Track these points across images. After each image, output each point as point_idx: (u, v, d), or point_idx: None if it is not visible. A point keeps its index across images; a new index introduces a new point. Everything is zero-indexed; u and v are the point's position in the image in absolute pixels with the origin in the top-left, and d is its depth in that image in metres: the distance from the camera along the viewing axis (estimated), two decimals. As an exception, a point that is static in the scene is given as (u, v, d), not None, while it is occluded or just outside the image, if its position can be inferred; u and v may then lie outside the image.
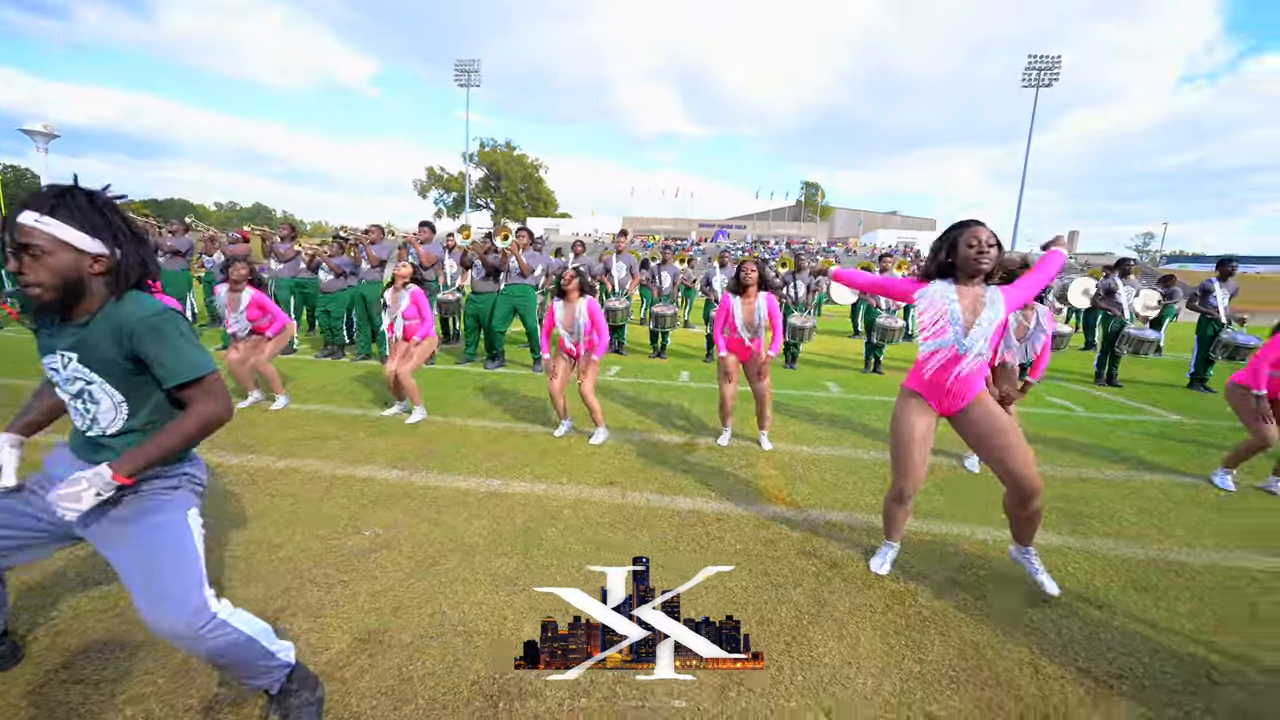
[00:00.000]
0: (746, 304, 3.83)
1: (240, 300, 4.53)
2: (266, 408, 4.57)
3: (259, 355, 4.55)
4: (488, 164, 66.75)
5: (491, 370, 6.45)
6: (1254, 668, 1.92)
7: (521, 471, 3.45)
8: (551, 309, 4.02)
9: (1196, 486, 3.57)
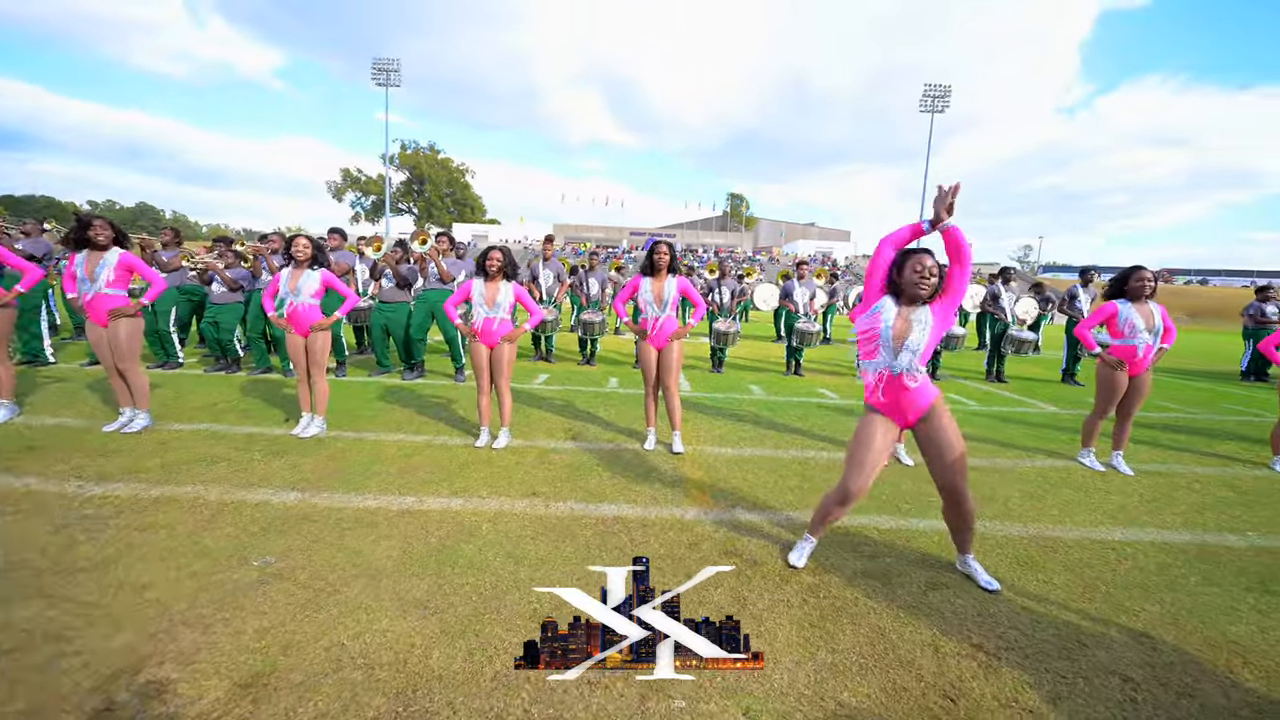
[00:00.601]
0: (657, 283, 3.92)
1: (102, 263, 3.80)
2: (131, 429, 4.05)
3: (129, 363, 3.96)
4: (410, 167, 63.98)
5: (410, 381, 6.11)
6: (1114, 628, 2.14)
7: (438, 487, 3.26)
8: (466, 286, 3.94)
9: (1068, 469, 3.99)
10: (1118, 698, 1.78)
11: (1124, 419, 3.99)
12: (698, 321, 4.09)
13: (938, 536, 2.84)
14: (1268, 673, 1.93)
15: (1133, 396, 3.89)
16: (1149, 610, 2.27)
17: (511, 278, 3.99)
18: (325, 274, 4.02)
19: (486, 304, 3.87)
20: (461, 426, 4.48)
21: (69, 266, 3.85)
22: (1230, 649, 2.05)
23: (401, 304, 6.12)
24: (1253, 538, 3.01)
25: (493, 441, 4.04)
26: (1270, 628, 2.19)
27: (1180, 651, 2.02)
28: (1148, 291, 3.75)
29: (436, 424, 4.54)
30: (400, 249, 6.16)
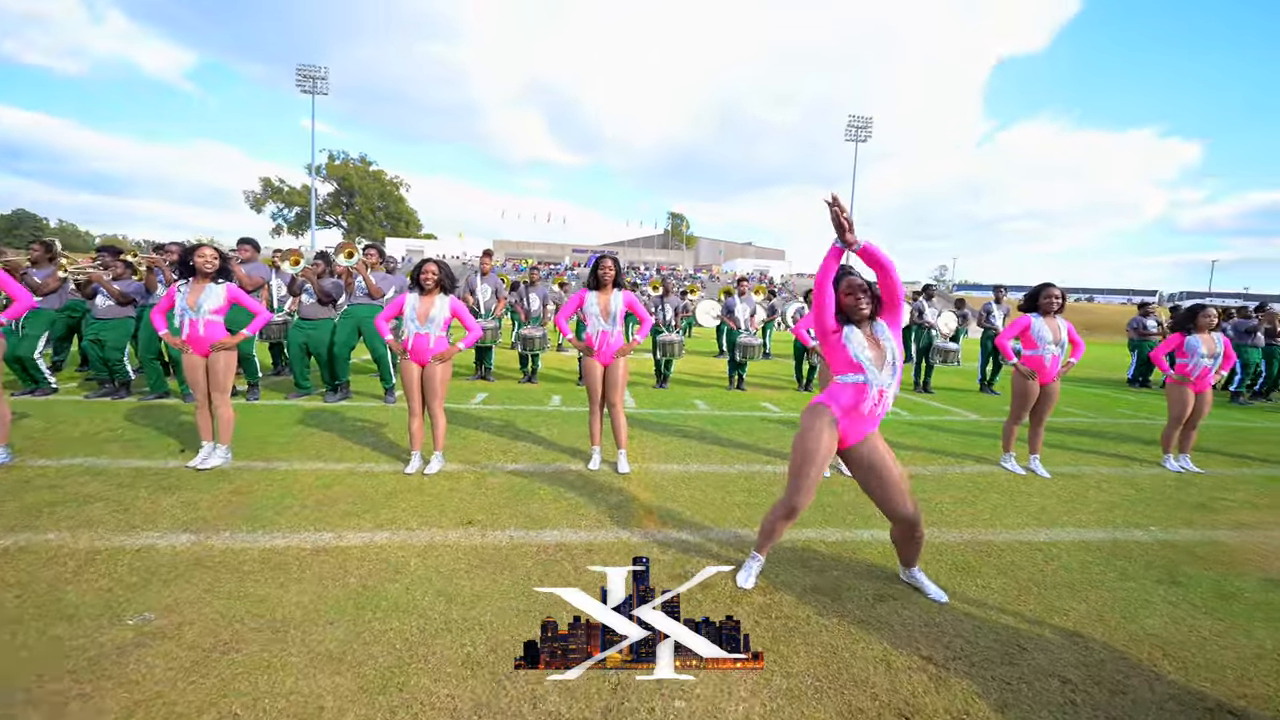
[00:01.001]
0: (602, 297, 3.84)
1: None
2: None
3: None
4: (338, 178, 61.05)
5: (333, 403, 5.65)
6: (1048, 629, 2.21)
7: (360, 520, 2.97)
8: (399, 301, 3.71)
9: (993, 474, 4.20)
10: (1059, 700, 1.81)
11: (1037, 424, 4.26)
12: (644, 337, 4.02)
13: (882, 547, 2.86)
14: (1185, 664, 2.03)
15: (1044, 403, 4.16)
16: (1077, 609, 2.37)
17: (448, 292, 3.77)
18: (231, 288, 3.64)
19: (420, 319, 3.63)
20: (390, 452, 4.15)
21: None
22: (1150, 642, 2.15)
23: (324, 320, 5.68)
24: (1155, 532, 3.24)
25: (424, 467, 3.76)
26: (1180, 618, 2.33)
27: (1108, 648, 2.10)
28: (1056, 307, 4.05)
29: (361, 450, 4.18)
30: (322, 261, 5.73)
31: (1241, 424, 6.80)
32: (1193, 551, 3.00)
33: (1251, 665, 2.04)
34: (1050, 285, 4.07)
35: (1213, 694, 1.88)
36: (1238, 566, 2.85)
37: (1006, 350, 4.14)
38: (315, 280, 5.49)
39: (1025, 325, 4.08)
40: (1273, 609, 2.44)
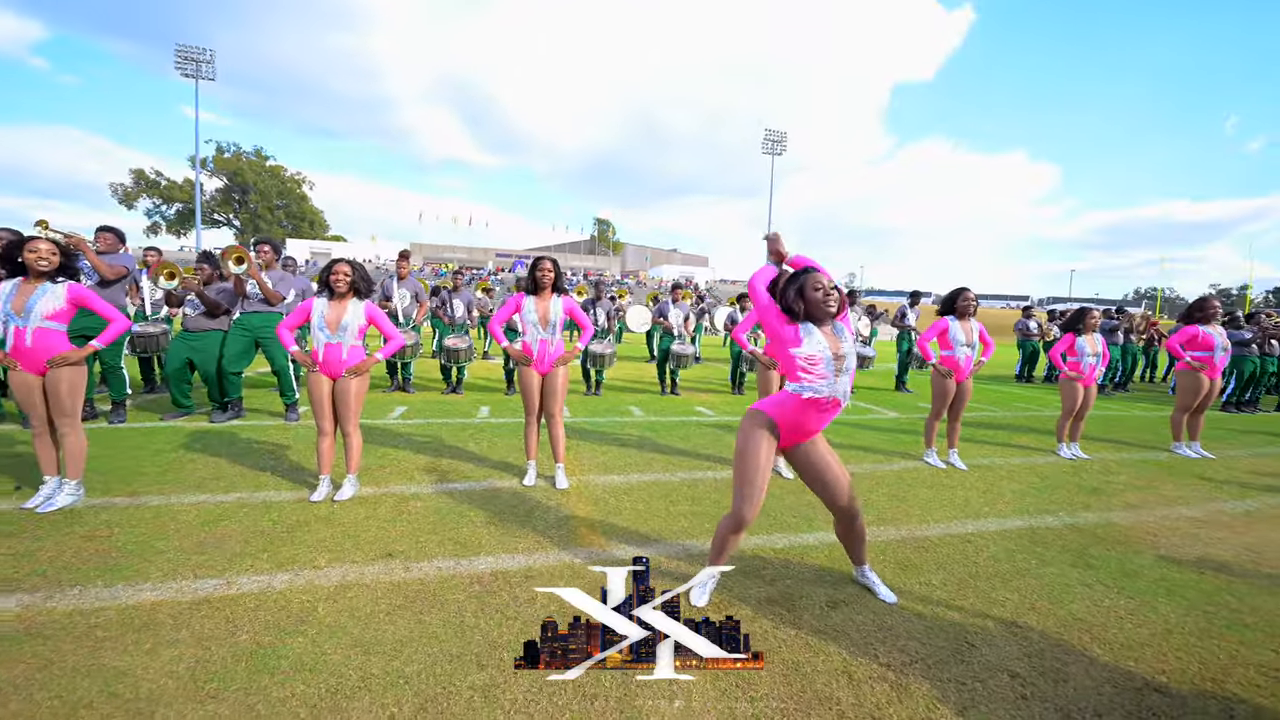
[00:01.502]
0: (541, 303, 3.60)
1: None
2: None
3: None
4: (229, 173, 55.44)
5: (221, 424, 4.95)
6: (990, 621, 2.26)
7: (255, 561, 2.54)
8: (306, 307, 3.29)
9: (919, 469, 4.40)
10: (1011, 696, 1.83)
11: (954, 420, 4.52)
12: (586, 344, 3.80)
13: (828, 549, 2.85)
14: (1110, 645, 2.14)
15: (959, 400, 4.42)
16: (1011, 599, 2.45)
17: (363, 297, 3.38)
18: (75, 289, 3.03)
19: (330, 328, 3.22)
20: (293, 477, 3.66)
21: None
22: (1078, 626, 2.26)
23: (214, 333, 4.97)
24: (1063, 517, 3.50)
25: (335, 493, 3.33)
26: (1097, 600, 2.48)
27: (1045, 636, 2.18)
28: (970, 310, 4.32)
29: (258, 477, 3.66)
30: (207, 264, 5.00)
31: (1113, 414, 7.68)
32: (1095, 534, 3.26)
33: (1164, 641, 2.18)
34: (966, 289, 4.33)
35: (1138, 672, 1.98)
36: (1134, 545, 3.11)
37: (927, 352, 4.37)
38: (200, 290, 4.77)
39: (943, 328, 4.32)
40: (1170, 584, 2.66)
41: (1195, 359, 5.14)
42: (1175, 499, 3.97)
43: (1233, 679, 1.97)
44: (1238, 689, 1.92)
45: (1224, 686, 1.93)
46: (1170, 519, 3.56)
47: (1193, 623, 2.32)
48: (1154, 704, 1.83)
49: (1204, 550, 3.09)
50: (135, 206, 53.05)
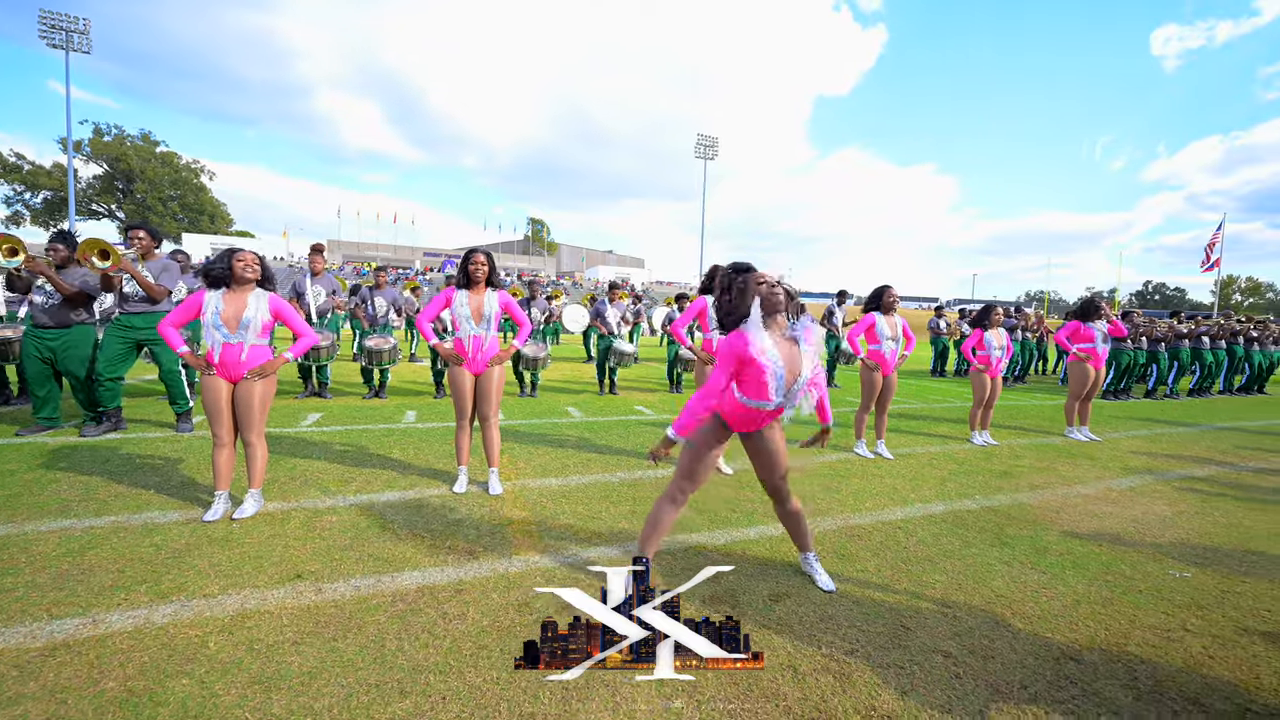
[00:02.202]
0: (475, 297, 3.39)
1: None
2: None
3: None
4: (111, 158, 49.57)
5: (94, 438, 4.32)
6: (923, 602, 2.34)
7: (130, 594, 2.19)
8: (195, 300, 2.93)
9: (850, 460, 4.56)
10: (946, 675, 1.88)
11: (881, 412, 4.73)
12: (523, 343, 3.59)
13: (769, 542, 2.86)
14: (1028, 618, 2.27)
15: (886, 393, 4.63)
16: (940, 580, 2.55)
17: (268, 288, 3.04)
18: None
19: (228, 324, 2.85)
20: (184, 495, 3.24)
21: None
22: (1000, 603, 2.38)
23: (79, 328, 4.32)
24: (980, 500, 3.73)
25: (234, 510, 2.97)
26: (1015, 576, 2.63)
27: (972, 615, 2.27)
28: (894, 305, 4.53)
29: (139, 496, 3.20)
30: (63, 244, 4.30)
31: (1015, 403, 8.39)
32: (1009, 514, 3.48)
33: (1074, 611, 2.34)
34: (889, 287, 4.54)
35: (1055, 642, 2.10)
36: (1042, 523, 3.36)
37: (856, 346, 4.54)
38: (51, 273, 4.10)
39: (871, 323, 4.50)
40: (1074, 557, 2.88)
41: (1082, 350, 5.69)
42: (1072, 479, 4.34)
43: (1133, 641, 2.14)
44: (1137, 650, 2.08)
45: (1126, 649, 2.08)
46: (1069, 497, 3.89)
47: (1096, 592, 2.51)
48: (1070, 672, 1.94)
49: (1099, 524, 3.38)
50: (-10, 193, 46.19)
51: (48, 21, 31.71)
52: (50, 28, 31.83)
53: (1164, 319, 10.02)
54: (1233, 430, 6.72)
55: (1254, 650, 2.12)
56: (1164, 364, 9.54)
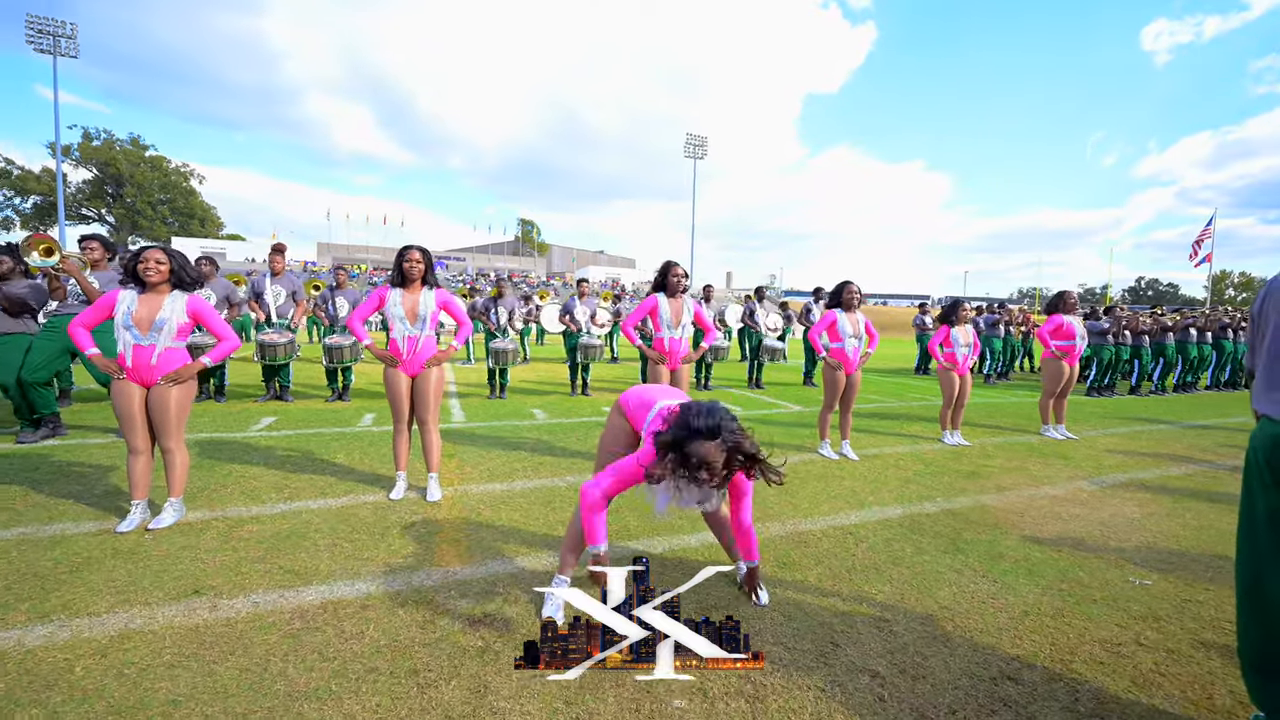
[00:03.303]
0: (409, 296, 3.25)
1: None
2: None
3: None
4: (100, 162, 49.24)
5: (30, 444, 4.16)
6: (859, 617, 2.20)
7: (8, 613, 2.05)
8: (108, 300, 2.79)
9: (812, 461, 4.43)
10: (870, 699, 1.75)
11: (845, 411, 4.61)
12: (461, 343, 3.49)
13: (710, 550, 2.73)
14: (969, 632, 2.14)
15: (849, 392, 4.51)
16: (882, 590, 2.42)
17: (186, 288, 2.89)
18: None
19: (140, 326, 2.71)
20: (105, 505, 3.09)
21: None
22: (943, 615, 2.25)
23: (18, 335, 4.16)
24: (940, 502, 3.60)
25: (151, 520, 2.82)
26: (963, 585, 2.50)
27: (910, 629, 2.14)
28: (856, 302, 4.41)
29: (57, 506, 3.05)
30: (9, 258, 4.19)
31: (993, 401, 8.28)
32: (968, 518, 3.36)
33: (1020, 624, 2.21)
34: (849, 283, 4.42)
35: (994, 659, 1.97)
36: (1002, 527, 3.23)
37: (817, 344, 4.42)
38: (82, 276, 3.93)
39: (832, 320, 4.38)
40: (1030, 564, 2.75)
41: (1059, 347, 5.58)
42: (1041, 479, 4.22)
43: (1079, 658, 2.01)
44: (1083, 669, 1.95)
45: (1071, 667, 1.95)
46: (1035, 499, 3.77)
47: (1048, 603, 2.38)
48: (1006, 694, 1.81)
49: (1063, 528, 3.26)
50: (-21, 198, 45.80)
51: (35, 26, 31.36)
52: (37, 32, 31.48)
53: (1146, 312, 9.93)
54: (1216, 428, 6.61)
55: (1209, 666, 1.99)
56: (1147, 359, 9.44)
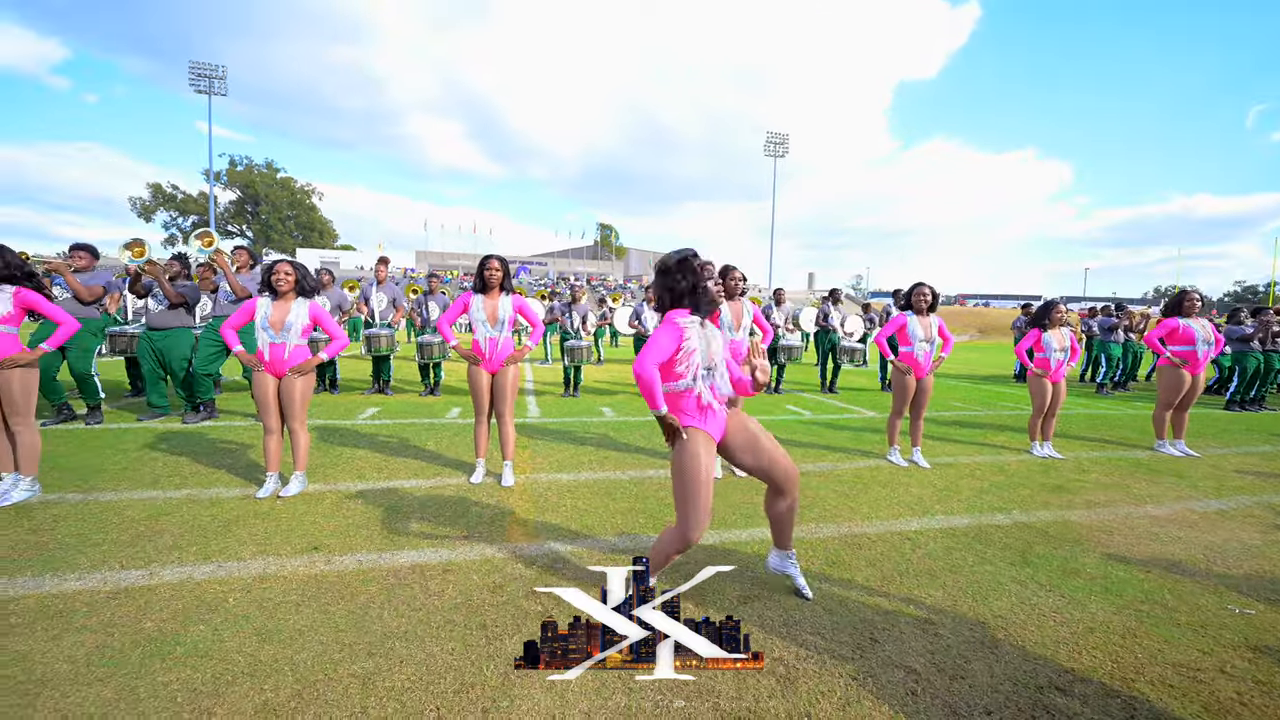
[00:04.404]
0: (489, 301, 3.62)
1: None
2: None
3: None
4: (242, 185, 56.64)
5: (193, 425, 5.04)
6: (904, 619, 2.22)
7: (183, 554, 2.58)
8: (249, 306, 3.37)
9: (879, 468, 4.33)
10: (901, 691, 1.79)
11: (915, 418, 4.45)
12: (536, 343, 3.83)
13: (758, 545, 2.83)
14: (1024, 642, 2.09)
15: (920, 398, 4.36)
16: (933, 595, 2.41)
17: (308, 295, 3.44)
18: (22, 293, 3.12)
19: (274, 328, 3.28)
20: (247, 475, 3.72)
21: None
22: (995, 623, 2.21)
23: (179, 330, 5.06)
24: (1016, 515, 3.43)
25: (281, 489, 3.37)
26: (1026, 598, 2.42)
27: (957, 633, 2.13)
28: (926, 305, 4.26)
29: (212, 474, 3.72)
30: (176, 263, 5.11)
31: (1104, 412, 7.51)
32: (1046, 532, 3.18)
33: (1083, 639, 2.13)
34: (921, 284, 4.28)
35: (1045, 670, 1.93)
36: (1083, 544, 3.04)
37: (884, 348, 4.33)
38: (162, 278, 4.84)
39: (901, 324, 4.27)
40: (1110, 582, 2.59)
41: (1177, 353, 5.02)
42: (1143, 497, 3.87)
43: (1145, 678, 1.91)
44: (1147, 689, 1.86)
45: (1133, 686, 1.87)
46: (1132, 517, 3.47)
47: (1120, 622, 2.26)
48: (1051, 703, 1.78)
49: (1158, 549, 3.01)
50: (153, 219, 54.45)
51: (195, 70, 36.92)
52: (197, 75, 37.04)
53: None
54: (1388, 451, 5.61)
55: (1305, 701, 1.82)
56: (1302, 370, 8.12)
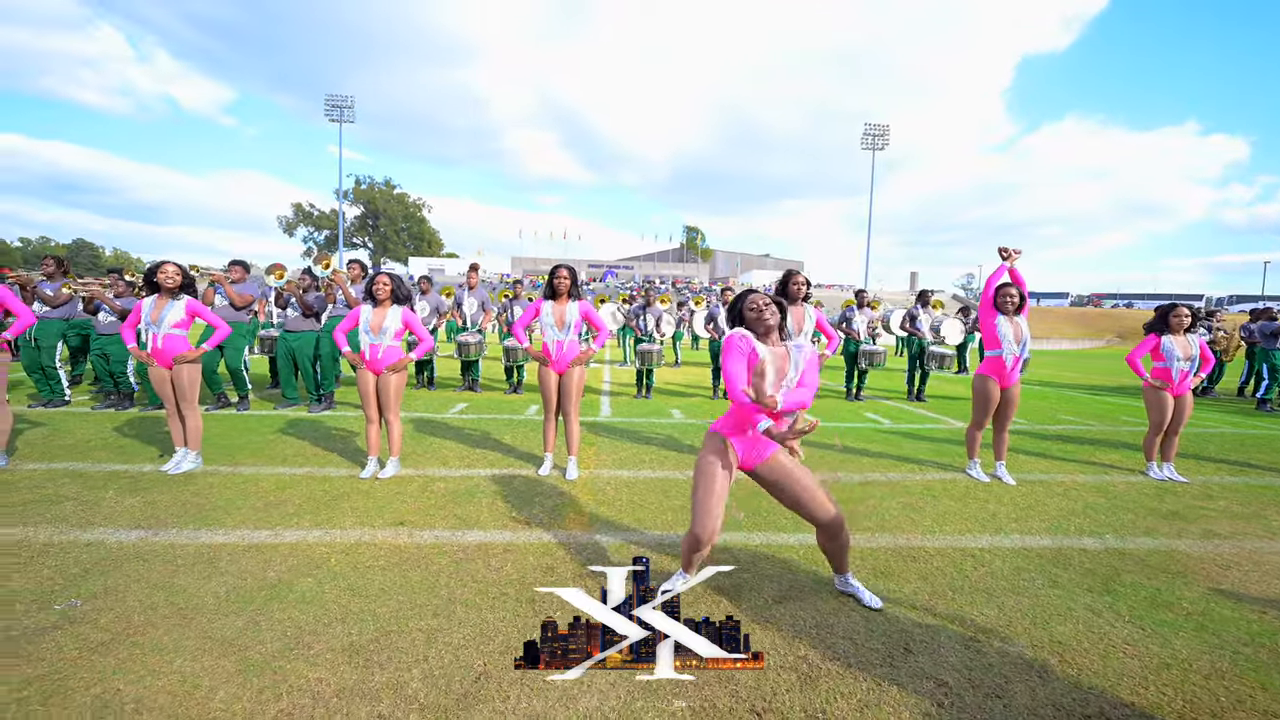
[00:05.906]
0: (558, 307, 3.90)
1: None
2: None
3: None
4: (364, 202, 63.50)
5: (316, 413, 5.87)
6: (946, 634, 2.15)
7: (300, 520, 3.09)
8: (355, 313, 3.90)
9: (953, 480, 4.09)
10: (926, 703, 1.77)
11: (999, 430, 4.14)
12: (600, 345, 4.08)
13: (806, 550, 2.84)
14: (1081, 670, 1.96)
15: (1005, 408, 4.05)
16: (986, 614, 2.30)
17: (402, 303, 3.93)
18: (191, 303, 3.86)
19: (373, 331, 3.79)
20: (353, 458, 4.30)
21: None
22: (1052, 649, 2.08)
23: (307, 333, 5.93)
24: (1109, 540, 3.12)
25: (380, 471, 3.88)
26: (1096, 626, 2.24)
27: (1002, 653, 2.04)
28: (1011, 307, 3.96)
29: (326, 455, 4.34)
30: (308, 276, 6.01)
31: (1257, 431, 6.43)
32: (1144, 560, 2.88)
33: (1155, 674, 1.95)
34: (1004, 284, 3.97)
35: (1098, 701, 1.81)
36: (1187, 576, 2.72)
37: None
38: (299, 294, 5.76)
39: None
40: (1209, 619, 2.32)
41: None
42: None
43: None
44: (1225, 733, 1.69)
45: (1207, 728, 1.71)
46: (1261, 552, 3.03)
47: (1209, 661, 2.04)
48: (1100, 733, 1.68)
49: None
50: (294, 234, 62.70)
51: (330, 102, 41.99)
52: (331, 106, 42.11)
53: None
54: None
55: None
56: None
